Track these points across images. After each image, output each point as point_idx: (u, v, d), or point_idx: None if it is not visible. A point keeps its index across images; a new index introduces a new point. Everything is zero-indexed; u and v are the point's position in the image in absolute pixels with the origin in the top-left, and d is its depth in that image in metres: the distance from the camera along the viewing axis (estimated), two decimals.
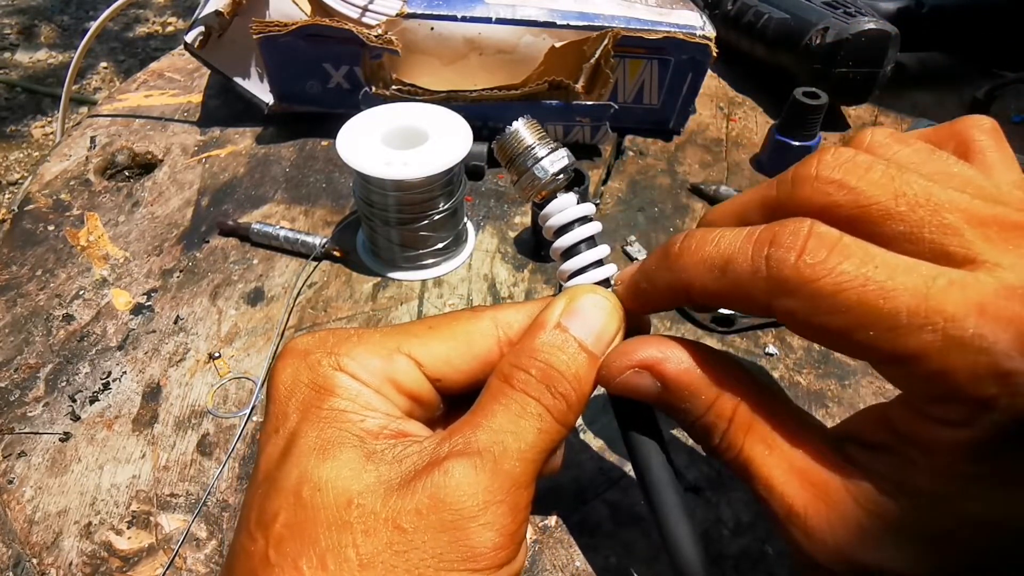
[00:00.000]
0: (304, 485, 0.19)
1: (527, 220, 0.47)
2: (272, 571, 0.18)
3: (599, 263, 0.25)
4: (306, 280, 0.42)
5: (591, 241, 0.25)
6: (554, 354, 0.21)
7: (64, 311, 0.41)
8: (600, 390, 0.23)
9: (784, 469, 0.20)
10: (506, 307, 0.24)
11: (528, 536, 0.30)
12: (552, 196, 0.25)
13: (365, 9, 0.49)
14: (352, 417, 0.21)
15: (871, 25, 0.52)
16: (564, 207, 0.25)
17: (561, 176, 0.25)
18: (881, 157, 0.20)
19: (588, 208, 0.25)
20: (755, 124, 0.58)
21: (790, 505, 0.20)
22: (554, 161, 0.25)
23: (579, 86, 0.47)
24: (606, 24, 0.48)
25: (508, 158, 0.25)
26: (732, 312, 0.39)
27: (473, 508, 0.19)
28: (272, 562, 0.19)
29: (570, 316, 0.22)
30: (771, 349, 0.39)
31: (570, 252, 0.25)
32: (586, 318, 0.22)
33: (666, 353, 0.21)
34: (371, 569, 0.18)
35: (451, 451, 0.20)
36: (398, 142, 0.39)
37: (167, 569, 0.29)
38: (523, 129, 0.25)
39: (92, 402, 0.36)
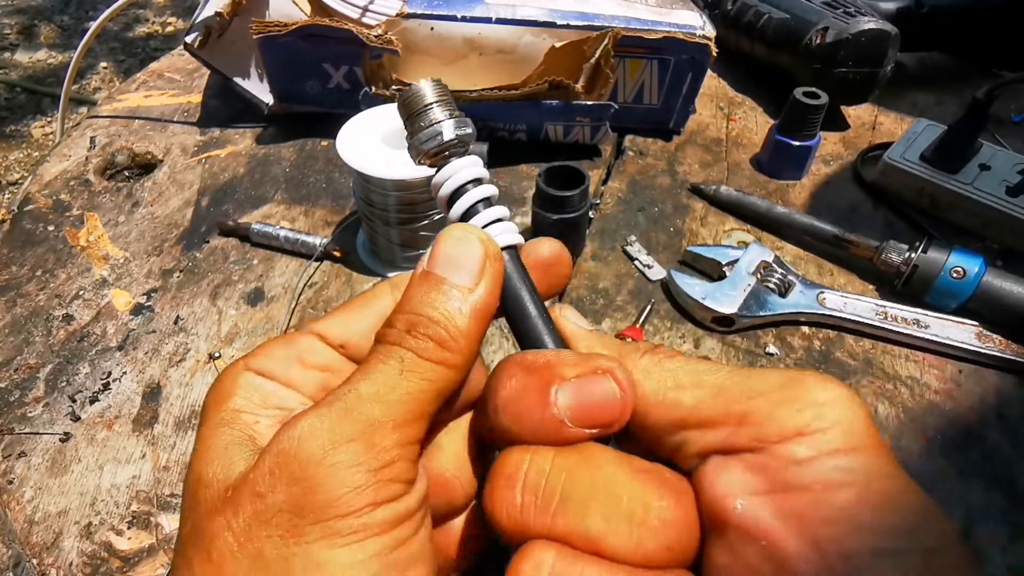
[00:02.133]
0: (198, 487, 0.20)
1: (527, 220, 0.47)
2: (176, 574, 0.19)
3: (484, 203, 0.23)
4: (307, 280, 0.42)
5: (487, 202, 0.24)
6: (420, 300, 0.21)
7: (64, 311, 0.41)
8: None
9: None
10: (401, 274, 0.24)
11: None
12: (445, 162, 0.24)
13: (365, 9, 0.49)
14: (246, 418, 0.21)
15: (871, 25, 0.52)
16: (456, 171, 0.24)
17: (455, 143, 0.24)
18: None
19: (480, 170, 0.24)
20: (755, 124, 0.58)
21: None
22: (453, 127, 0.23)
23: (579, 86, 0.47)
24: (606, 24, 0.48)
25: (406, 115, 0.24)
26: (732, 312, 0.39)
27: (317, 452, 0.18)
28: (178, 567, 0.19)
29: (432, 261, 0.22)
30: (771, 349, 0.39)
31: (463, 216, 0.24)
32: (447, 256, 0.22)
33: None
34: (247, 543, 0.18)
35: (303, 411, 0.20)
36: (398, 142, 0.39)
37: (169, 571, 0.29)
38: (427, 88, 0.24)
39: (92, 402, 0.36)
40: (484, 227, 0.23)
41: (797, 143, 0.50)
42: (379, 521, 0.19)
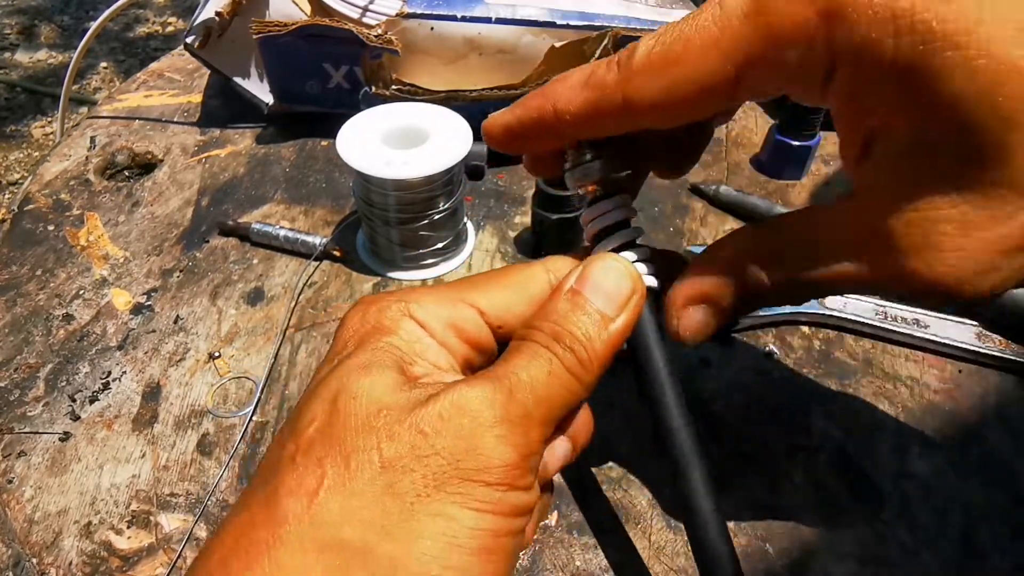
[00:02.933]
0: (341, 394, 0.21)
1: (527, 220, 0.47)
2: (296, 471, 0.19)
3: (622, 225, 0.25)
4: (307, 280, 0.42)
5: (627, 224, 0.25)
6: (566, 316, 0.22)
7: (64, 311, 0.41)
8: None
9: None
10: (556, 257, 0.25)
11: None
12: (602, 196, 0.25)
13: (365, 9, 0.49)
14: (403, 356, 0.22)
15: None
16: (616, 205, 0.25)
17: (612, 180, 0.25)
18: None
19: (626, 197, 0.25)
20: (755, 124, 0.58)
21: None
22: (604, 167, 0.25)
23: None
24: (606, 24, 0.48)
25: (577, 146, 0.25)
26: None
27: (490, 418, 0.20)
28: (297, 463, 0.20)
29: (582, 281, 0.23)
30: (771, 349, 0.39)
31: (601, 232, 0.25)
32: (597, 282, 0.23)
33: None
34: (391, 471, 0.19)
35: (475, 375, 0.21)
36: (398, 142, 0.39)
37: (170, 570, 0.29)
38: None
39: (92, 402, 0.36)
40: (633, 262, 0.24)
41: (797, 143, 0.50)
42: (508, 503, 0.20)
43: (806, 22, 0.19)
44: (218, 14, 0.49)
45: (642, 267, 0.24)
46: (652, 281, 0.24)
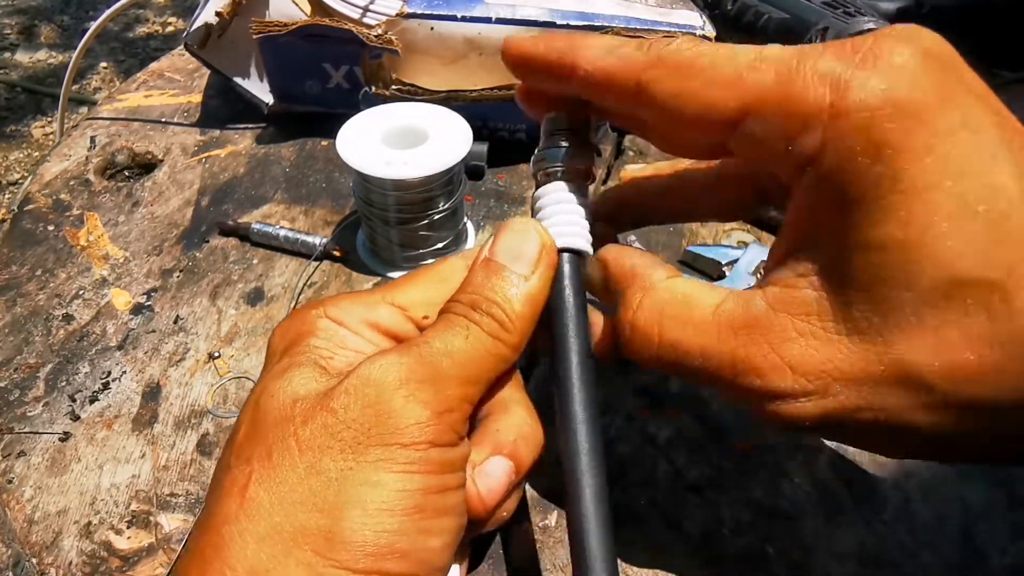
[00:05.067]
0: (262, 396, 0.22)
1: None
2: (230, 474, 0.20)
3: (555, 201, 0.25)
4: (307, 280, 0.42)
5: (564, 209, 0.25)
6: (481, 284, 0.23)
7: (64, 311, 0.41)
8: None
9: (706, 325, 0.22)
10: (472, 249, 0.26)
11: (534, 534, 0.30)
12: (550, 179, 0.26)
13: (365, 9, 0.49)
14: (323, 352, 0.23)
15: (870, 25, 0.52)
16: (551, 191, 0.25)
17: (560, 170, 0.26)
18: None
19: (571, 198, 0.25)
20: None
21: (735, 356, 0.21)
22: (563, 154, 0.25)
23: None
24: (606, 24, 0.48)
25: (543, 132, 0.27)
26: None
27: (395, 381, 0.21)
28: (231, 467, 0.21)
29: (493, 249, 0.24)
30: None
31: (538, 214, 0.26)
32: (506, 245, 0.24)
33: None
34: (308, 452, 0.20)
35: (379, 352, 0.22)
36: (398, 142, 0.39)
37: (171, 571, 0.29)
38: (563, 117, 0.26)
39: (92, 402, 0.36)
40: (547, 225, 0.25)
41: None
42: (432, 460, 0.20)
43: (819, 110, 0.19)
44: (218, 14, 0.49)
45: (566, 229, 0.24)
46: (573, 241, 0.24)
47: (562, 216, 0.25)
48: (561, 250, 0.24)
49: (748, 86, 0.20)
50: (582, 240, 0.25)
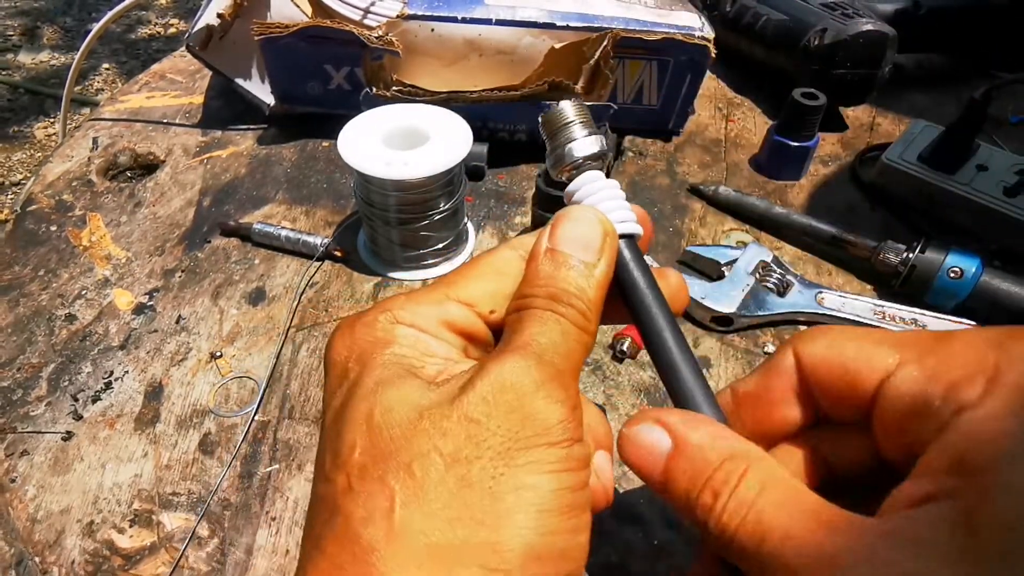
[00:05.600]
0: (374, 411, 0.20)
1: (527, 220, 0.47)
2: (357, 498, 0.19)
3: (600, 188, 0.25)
4: (308, 280, 0.43)
5: (608, 194, 0.26)
6: (552, 275, 0.23)
7: (66, 311, 0.41)
8: None
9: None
10: (517, 237, 0.25)
11: None
12: (577, 174, 0.26)
13: (366, 11, 0.50)
14: (413, 363, 0.22)
15: (869, 27, 0.52)
16: (589, 180, 0.26)
17: (588, 161, 0.26)
18: None
19: (612, 182, 0.26)
20: (754, 125, 0.58)
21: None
22: (586, 144, 0.26)
23: (579, 87, 0.48)
24: (605, 25, 0.48)
25: (548, 133, 0.26)
26: (731, 312, 0.39)
27: (530, 385, 0.20)
28: (356, 490, 0.19)
29: (554, 239, 0.23)
30: (769, 348, 0.39)
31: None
32: (568, 234, 0.23)
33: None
34: (457, 465, 0.19)
35: (494, 354, 0.21)
36: (399, 142, 0.40)
37: (173, 570, 0.29)
38: (568, 108, 0.26)
39: (94, 401, 0.36)
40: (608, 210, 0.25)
41: (795, 144, 0.50)
42: (576, 456, 0.20)
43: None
44: (220, 16, 0.49)
45: (617, 214, 0.25)
46: (631, 227, 0.25)
47: (611, 203, 0.25)
48: (620, 236, 0.25)
49: (903, 346, 0.21)
50: (634, 225, 0.25)
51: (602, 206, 0.25)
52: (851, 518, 0.18)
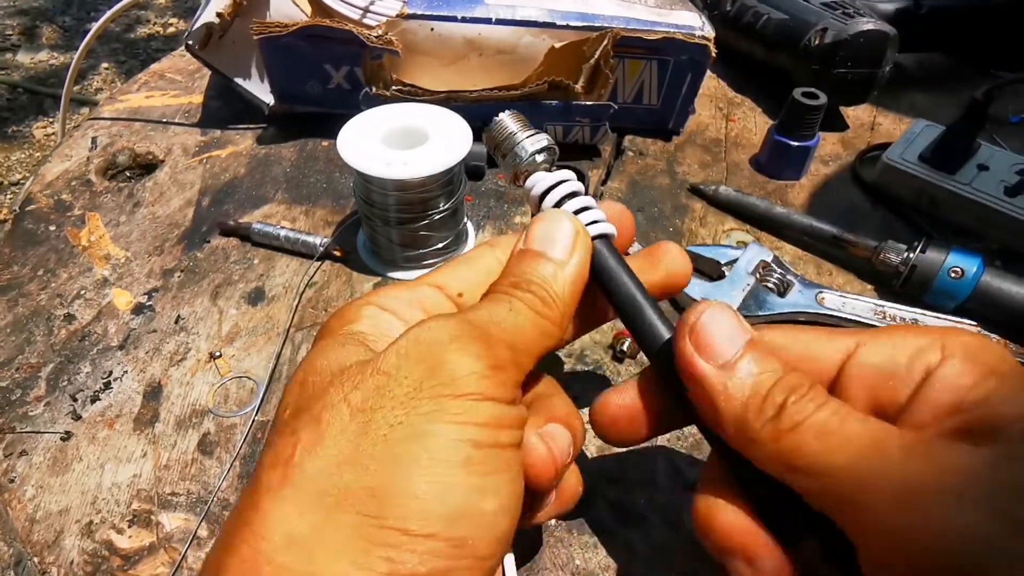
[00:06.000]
0: (308, 375, 0.21)
1: (527, 220, 0.47)
2: (272, 449, 0.20)
3: (571, 196, 0.27)
4: (308, 280, 0.42)
5: (572, 195, 0.27)
6: (521, 269, 0.24)
7: (65, 311, 0.41)
8: None
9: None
10: (500, 236, 0.27)
11: (528, 535, 0.30)
12: (532, 172, 0.28)
13: (365, 10, 0.49)
14: (367, 336, 0.23)
15: (870, 26, 0.52)
16: (543, 176, 0.27)
17: (541, 155, 0.28)
18: None
19: (565, 173, 0.27)
20: (754, 124, 0.58)
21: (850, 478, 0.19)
22: (533, 143, 0.28)
23: (579, 86, 0.48)
24: (606, 25, 0.48)
25: (494, 144, 0.28)
26: None
27: (444, 338, 0.21)
28: (274, 443, 0.20)
29: (528, 240, 0.25)
30: None
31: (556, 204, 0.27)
32: (541, 235, 0.24)
33: None
34: (361, 414, 0.19)
35: (429, 317, 0.22)
36: (398, 142, 0.40)
37: (174, 570, 0.29)
38: (507, 119, 0.28)
39: (93, 401, 0.36)
40: (575, 214, 0.26)
41: (796, 143, 0.50)
42: (484, 414, 0.20)
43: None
44: (219, 15, 0.49)
45: (589, 215, 0.26)
46: (605, 227, 0.26)
47: (580, 204, 0.26)
48: (594, 238, 0.26)
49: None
50: (606, 225, 0.26)
51: (571, 206, 0.26)
52: (888, 437, 0.19)
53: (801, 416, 0.20)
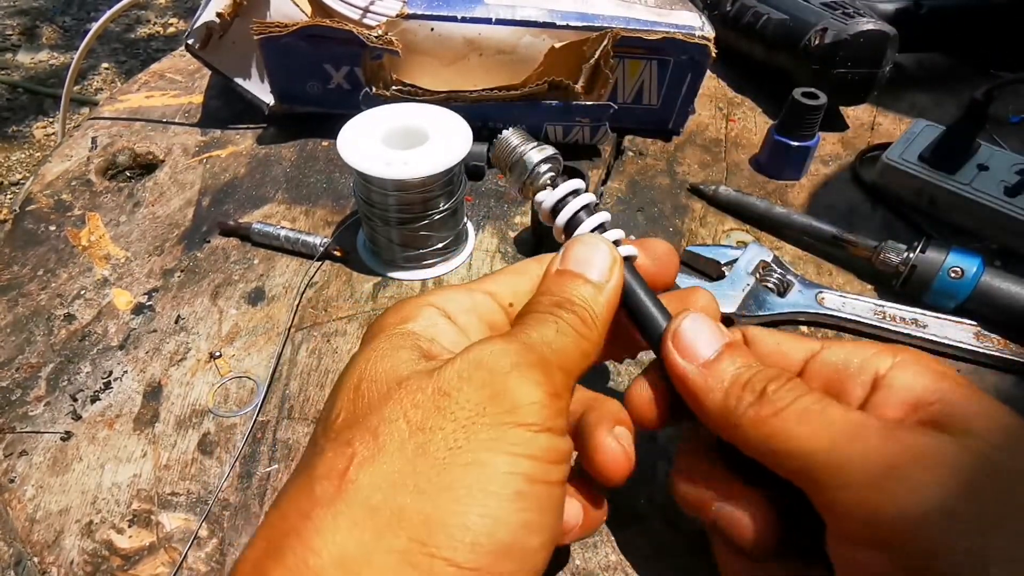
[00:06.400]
0: (363, 380, 0.21)
1: (527, 220, 0.47)
2: (323, 457, 0.19)
3: (586, 210, 0.28)
4: (308, 280, 0.43)
5: (587, 208, 0.28)
6: (561, 288, 0.24)
7: (65, 311, 0.41)
8: None
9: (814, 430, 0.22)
10: (544, 255, 0.28)
11: None
12: (543, 188, 0.29)
13: (365, 10, 0.49)
14: (420, 338, 0.23)
15: (869, 26, 0.52)
16: (551, 193, 0.28)
17: (547, 166, 0.28)
18: None
19: (577, 183, 0.28)
20: (754, 124, 0.58)
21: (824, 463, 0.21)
22: (539, 153, 0.28)
23: (579, 86, 0.48)
24: (605, 25, 0.48)
25: (501, 160, 0.29)
26: (731, 312, 0.39)
27: (508, 365, 0.21)
28: (326, 451, 0.20)
29: (566, 261, 0.25)
30: None
31: (569, 223, 0.28)
32: (582, 257, 0.25)
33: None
34: (420, 433, 0.19)
35: (483, 339, 0.22)
36: (398, 142, 0.40)
37: (175, 571, 0.29)
38: (511, 135, 0.29)
39: (93, 401, 0.36)
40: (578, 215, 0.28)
41: (796, 143, 0.50)
42: (542, 446, 0.20)
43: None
44: (219, 15, 0.49)
45: (613, 235, 0.27)
46: (630, 250, 0.27)
47: (611, 230, 0.28)
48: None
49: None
50: (630, 248, 0.28)
51: (610, 233, 0.27)
52: (866, 423, 0.21)
53: (783, 402, 0.22)
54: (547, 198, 0.28)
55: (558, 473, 0.21)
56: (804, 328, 0.40)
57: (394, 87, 0.48)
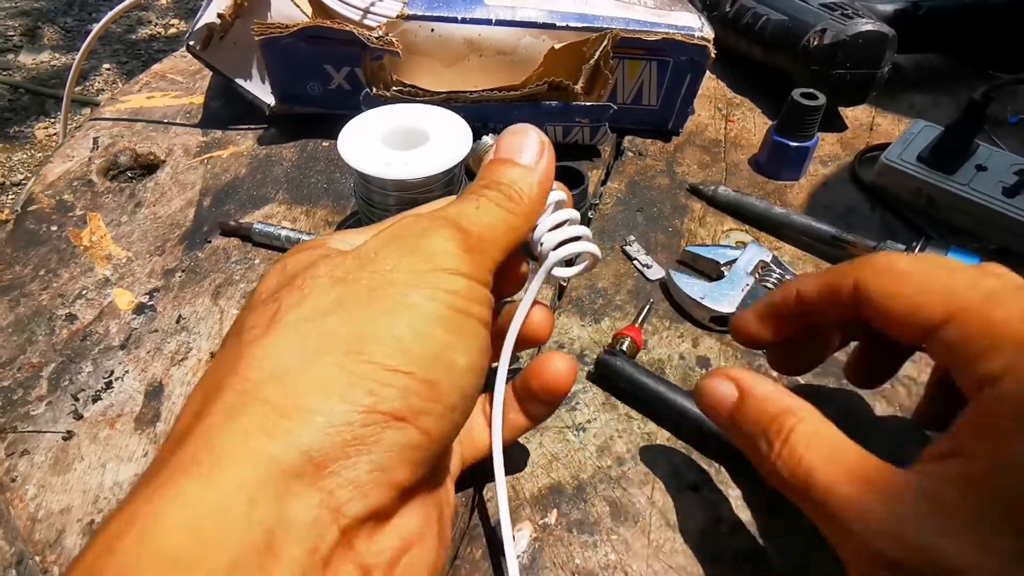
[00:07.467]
0: (287, 264, 0.23)
1: None
2: (250, 316, 0.21)
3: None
4: None
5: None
6: (491, 173, 0.26)
7: (67, 311, 0.41)
8: None
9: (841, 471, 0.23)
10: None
11: (528, 534, 0.30)
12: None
13: (366, 11, 0.50)
14: (334, 241, 0.24)
15: (868, 27, 0.52)
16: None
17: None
18: None
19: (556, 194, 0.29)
20: (753, 125, 0.58)
21: (844, 498, 0.22)
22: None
23: (578, 87, 0.48)
24: (605, 25, 0.48)
25: (477, 165, 0.30)
26: (731, 312, 0.39)
27: (419, 229, 0.23)
28: (251, 311, 0.21)
29: (496, 151, 0.27)
30: None
31: None
32: (509, 145, 0.27)
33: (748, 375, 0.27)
34: (341, 283, 0.21)
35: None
36: (398, 142, 0.40)
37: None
38: (490, 139, 0.31)
39: (95, 401, 0.36)
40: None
41: (795, 144, 0.50)
42: (460, 285, 0.22)
43: (1012, 340, 0.22)
44: (220, 16, 0.49)
45: (573, 230, 0.28)
46: (589, 247, 0.28)
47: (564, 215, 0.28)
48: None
49: (956, 299, 0.23)
50: (591, 245, 0.28)
51: (565, 219, 0.28)
52: (882, 470, 0.22)
53: (802, 442, 0.23)
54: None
55: (479, 311, 0.22)
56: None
57: (394, 88, 0.48)
